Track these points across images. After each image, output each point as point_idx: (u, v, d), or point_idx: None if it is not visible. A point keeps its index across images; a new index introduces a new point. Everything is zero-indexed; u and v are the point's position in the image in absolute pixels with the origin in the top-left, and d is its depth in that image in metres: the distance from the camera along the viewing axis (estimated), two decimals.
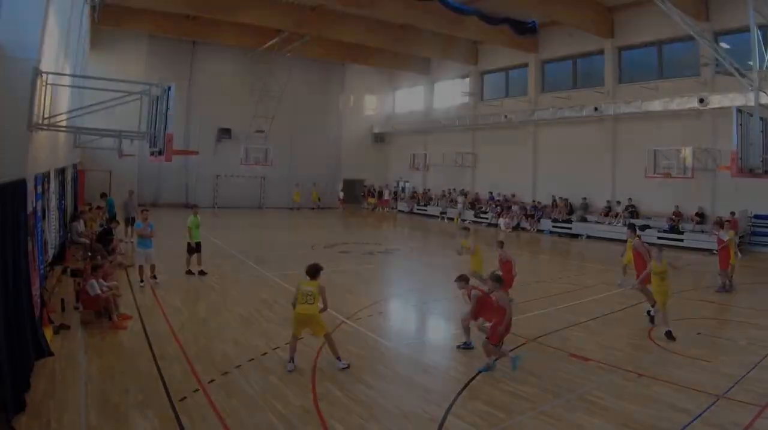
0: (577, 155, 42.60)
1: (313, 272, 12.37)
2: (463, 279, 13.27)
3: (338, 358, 11.95)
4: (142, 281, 18.53)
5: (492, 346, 11.81)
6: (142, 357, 12.27)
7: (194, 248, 21.12)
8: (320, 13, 42.54)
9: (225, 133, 53.83)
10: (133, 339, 13.57)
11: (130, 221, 28.67)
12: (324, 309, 12.20)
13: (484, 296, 12.67)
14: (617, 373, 12.02)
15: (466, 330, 13.34)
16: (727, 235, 21.53)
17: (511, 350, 12.50)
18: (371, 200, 61.55)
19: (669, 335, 14.08)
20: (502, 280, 12.75)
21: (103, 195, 33.60)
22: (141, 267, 18.86)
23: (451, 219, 48.83)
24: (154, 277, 18.86)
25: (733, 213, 31.59)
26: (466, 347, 13.31)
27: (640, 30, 38.07)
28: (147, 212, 19.40)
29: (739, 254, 22.57)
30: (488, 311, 12.45)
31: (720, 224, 24.22)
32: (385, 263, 26.33)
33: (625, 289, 20.31)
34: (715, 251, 22.26)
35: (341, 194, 61.68)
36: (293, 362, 11.82)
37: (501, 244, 18.37)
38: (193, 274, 20.89)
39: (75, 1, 21.13)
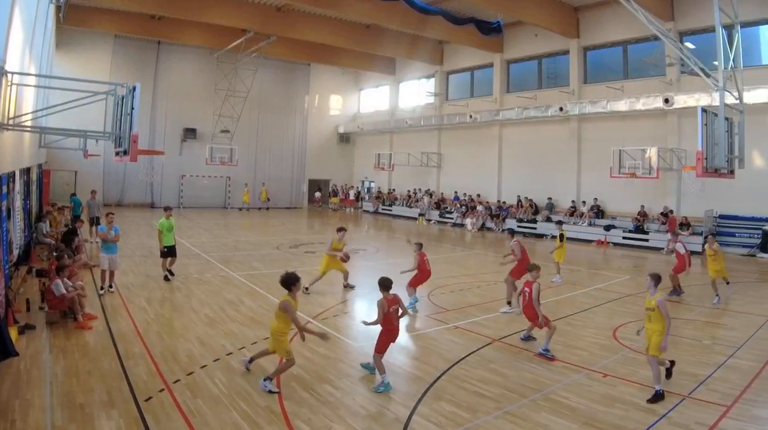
0: (543, 155, 42.92)
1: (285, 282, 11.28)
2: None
3: (267, 378, 10.96)
4: (102, 287, 18.09)
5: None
6: (108, 357, 12.20)
7: (166, 253, 20.58)
8: (286, 13, 42.71)
9: (190, 133, 53.66)
10: (99, 339, 13.48)
11: (94, 221, 28.44)
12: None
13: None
14: (582, 373, 12.08)
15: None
16: (683, 248, 21.00)
17: (477, 350, 12.58)
18: (334, 200, 61.73)
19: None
20: None
21: (73, 195, 33.39)
22: (103, 272, 18.25)
23: (429, 221, 48.90)
24: (110, 286, 18.19)
25: (671, 211, 31.91)
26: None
27: (605, 30, 38.41)
28: (112, 216, 18.81)
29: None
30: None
31: (675, 232, 23.99)
32: (351, 264, 26.40)
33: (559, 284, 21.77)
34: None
35: (318, 194, 61.96)
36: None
37: (419, 245, 18.89)
38: (170, 279, 20.46)
39: (40, 1, 20.97)
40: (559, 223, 25.36)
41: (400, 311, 11.82)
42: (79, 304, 14.74)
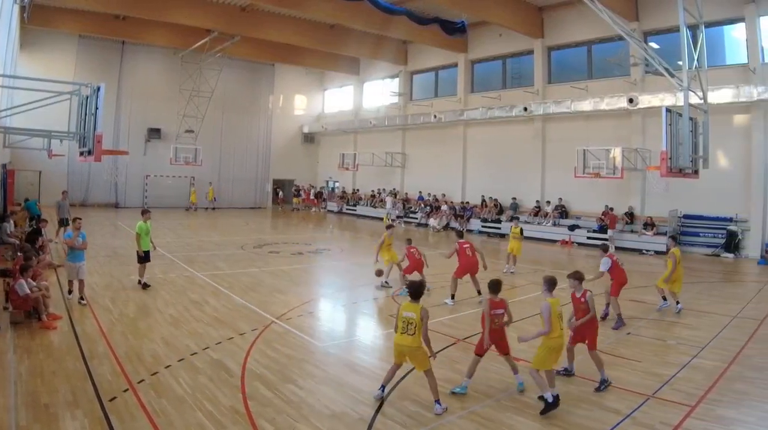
0: (507, 155, 43.11)
1: (416, 292, 10.58)
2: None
3: (437, 401, 10.07)
4: (70, 291, 17.34)
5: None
6: (72, 357, 12.11)
7: (143, 257, 19.86)
8: (250, 13, 42.72)
9: (155, 133, 53.60)
10: (63, 339, 13.38)
11: (63, 223, 28.07)
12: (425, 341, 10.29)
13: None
14: None
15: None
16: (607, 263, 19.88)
17: (442, 350, 12.63)
18: (296, 200, 61.70)
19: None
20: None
21: (27, 200, 33.09)
22: (71, 282, 17.39)
23: (408, 222, 48.71)
24: (81, 299, 17.11)
25: (611, 209, 32.01)
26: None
27: (569, 30, 38.63)
28: (80, 221, 17.83)
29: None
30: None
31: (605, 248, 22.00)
32: (315, 263, 26.27)
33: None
34: (645, 252, 22.31)
35: (280, 193, 61.82)
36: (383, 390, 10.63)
37: (408, 241, 20.80)
38: (147, 286, 19.62)
39: (4, 1, 20.81)
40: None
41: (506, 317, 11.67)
42: (44, 304, 14.60)
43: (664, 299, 18.62)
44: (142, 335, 13.99)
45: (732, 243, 30.92)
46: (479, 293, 18.99)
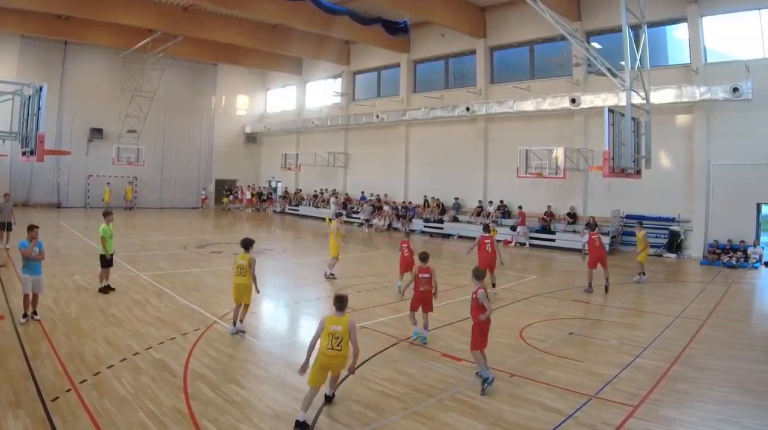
0: (450, 155, 43.15)
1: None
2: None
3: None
4: (25, 315, 15.19)
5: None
6: (14, 357, 11.93)
7: (109, 261, 19.29)
8: (192, 13, 42.41)
9: (97, 133, 53.09)
10: (5, 339, 13.17)
11: (5, 227, 27.37)
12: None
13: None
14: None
15: None
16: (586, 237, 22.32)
17: (384, 350, 12.64)
18: (225, 200, 61.47)
19: None
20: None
21: None
22: (26, 297, 15.34)
23: (350, 223, 48.29)
24: (35, 313, 15.48)
25: (520, 207, 32.31)
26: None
27: (512, 30, 38.73)
28: (37, 230, 16.15)
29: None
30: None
31: (593, 225, 24.74)
32: (258, 264, 26.29)
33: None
34: (586, 251, 22.62)
35: (203, 193, 61.46)
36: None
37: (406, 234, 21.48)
38: (108, 291, 18.94)
39: None
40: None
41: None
42: None
43: (642, 274, 22.10)
44: (84, 335, 13.81)
45: (674, 243, 31.18)
46: (494, 286, 20.12)
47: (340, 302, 10.15)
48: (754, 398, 10.81)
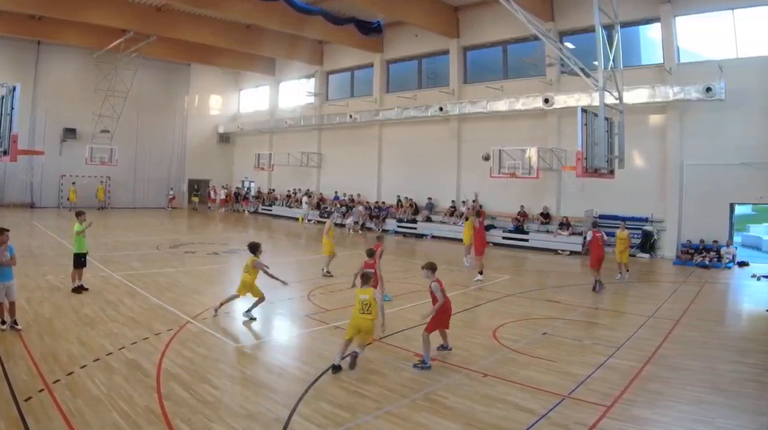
0: (423, 155, 43.21)
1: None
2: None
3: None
4: (4, 322, 14.61)
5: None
6: None
7: (83, 261, 19.22)
8: (166, 13, 42.36)
9: (70, 133, 53.00)
10: None
11: None
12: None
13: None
14: (462, 373, 12.02)
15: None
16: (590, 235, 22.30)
17: (349, 354, 12.62)
18: (195, 199, 61.80)
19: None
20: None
21: None
22: (1, 306, 14.85)
23: (322, 222, 48.22)
24: (15, 323, 14.67)
25: (474, 201, 32.33)
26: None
27: (485, 30, 38.79)
28: (7, 233, 15.37)
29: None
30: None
31: (596, 223, 24.77)
32: (231, 263, 26.13)
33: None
34: (561, 251, 22.57)
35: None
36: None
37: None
38: (82, 291, 18.82)
39: None
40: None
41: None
42: None
43: (620, 273, 22.83)
44: (57, 335, 13.74)
45: (647, 243, 31.31)
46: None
47: (365, 278, 12.65)
48: (727, 398, 10.81)
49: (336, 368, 11.64)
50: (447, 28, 40.04)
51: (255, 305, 16.10)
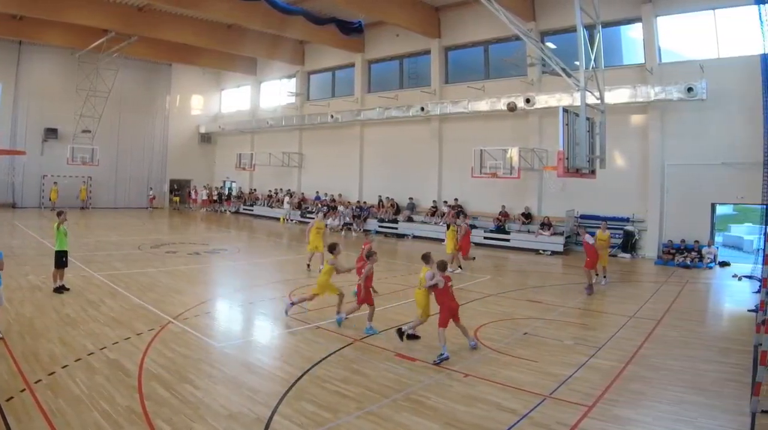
0: (404, 155, 43.21)
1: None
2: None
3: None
4: None
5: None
6: None
7: (65, 261, 19.00)
8: (147, 13, 42.17)
9: (52, 133, 52.71)
10: None
11: None
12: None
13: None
14: (443, 373, 11.99)
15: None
16: (591, 239, 22.33)
17: (338, 350, 12.53)
18: (175, 199, 61.91)
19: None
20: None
21: None
22: None
23: (304, 223, 48.09)
24: None
25: (454, 201, 32.11)
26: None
27: (466, 30, 38.78)
28: None
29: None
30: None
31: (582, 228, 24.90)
32: (212, 263, 26.04)
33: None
34: (542, 252, 22.55)
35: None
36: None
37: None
38: (63, 291, 18.70)
39: None
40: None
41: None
42: None
43: (604, 276, 22.89)
44: (39, 335, 13.64)
45: (629, 243, 31.33)
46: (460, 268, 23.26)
47: (425, 258, 14.43)
48: (708, 398, 10.83)
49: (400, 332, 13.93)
50: (428, 29, 40.01)
51: (341, 303, 16.18)
